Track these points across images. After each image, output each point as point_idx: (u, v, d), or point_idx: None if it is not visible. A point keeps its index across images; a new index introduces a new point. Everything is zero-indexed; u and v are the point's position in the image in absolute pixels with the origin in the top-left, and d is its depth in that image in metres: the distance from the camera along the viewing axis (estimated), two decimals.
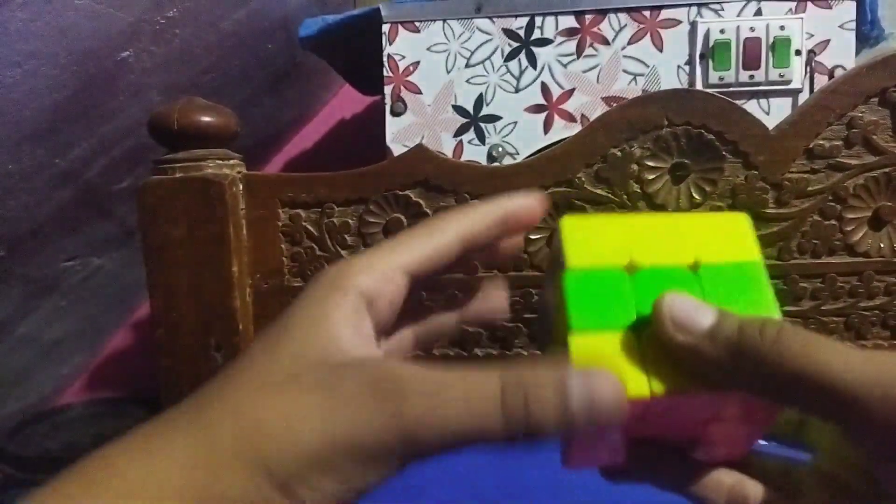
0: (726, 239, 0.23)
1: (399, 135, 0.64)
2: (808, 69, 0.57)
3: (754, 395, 0.20)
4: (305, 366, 0.20)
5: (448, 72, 0.62)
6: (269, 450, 0.18)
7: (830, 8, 0.56)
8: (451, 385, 0.19)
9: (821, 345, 0.18)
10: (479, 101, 0.62)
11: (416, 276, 0.23)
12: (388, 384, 0.19)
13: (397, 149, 0.63)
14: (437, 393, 0.19)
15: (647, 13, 0.58)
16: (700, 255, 0.22)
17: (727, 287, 0.22)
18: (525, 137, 0.61)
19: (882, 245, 0.46)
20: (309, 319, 0.21)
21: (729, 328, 0.20)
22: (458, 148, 0.63)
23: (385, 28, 0.63)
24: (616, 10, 0.59)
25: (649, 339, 0.20)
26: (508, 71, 0.61)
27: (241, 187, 0.49)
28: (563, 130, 0.60)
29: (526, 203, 0.24)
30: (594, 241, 0.22)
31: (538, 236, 0.47)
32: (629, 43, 0.59)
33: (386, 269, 0.23)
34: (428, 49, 0.62)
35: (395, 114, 0.64)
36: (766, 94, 0.57)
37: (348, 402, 0.19)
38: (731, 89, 0.57)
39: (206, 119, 0.49)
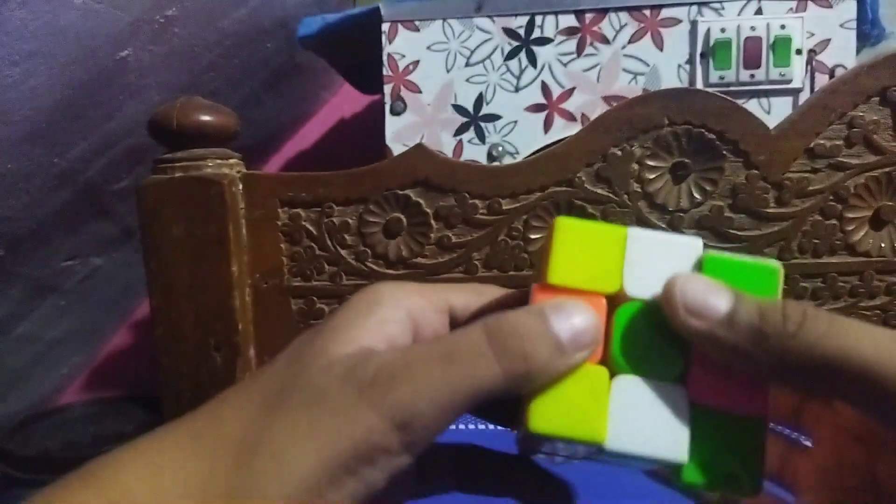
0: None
1: (399, 134, 0.63)
2: (809, 68, 0.56)
3: (777, 382, 0.19)
4: (304, 379, 0.19)
5: (448, 71, 0.62)
6: (263, 475, 0.18)
7: (831, 7, 0.56)
8: (432, 351, 0.19)
9: (848, 327, 0.17)
10: (479, 101, 0.62)
11: (456, 319, 0.23)
12: (365, 375, 0.18)
13: (397, 148, 0.63)
14: (418, 364, 0.18)
15: (647, 12, 0.58)
16: None
17: None
18: (525, 137, 0.61)
19: (883, 245, 0.46)
20: (335, 327, 0.21)
21: (748, 313, 0.18)
22: (458, 147, 0.63)
23: (385, 27, 0.63)
24: (616, 9, 0.59)
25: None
26: (508, 70, 0.61)
27: (240, 187, 0.49)
28: (563, 129, 0.60)
29: None
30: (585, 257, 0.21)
31: (538, 236, 0.47)
32: (629, 42, 0.59)
33: (435, 298, 0.22)
34: (428, 48, 0.62)
35: (394, 113, 0.63)
36: (767, 94, 0.57)
37: (332, 409, 0.18)
38: (732, 88, 0.57)
39: (206, 118, 0.48)
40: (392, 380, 0.18)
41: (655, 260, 0.21)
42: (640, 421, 0.19)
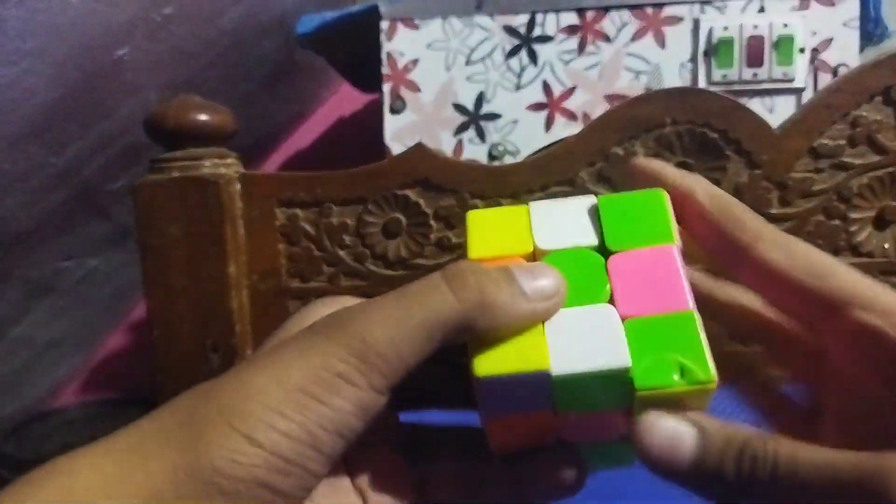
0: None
1: (398, 133, 0.63)
2: (812, 67, 0.56)
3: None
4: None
5: (448, 69, 0.62)
6: (226, 407, 0.19)
7: (834, 6, 0.56)
8: (389, 294, 0.20)
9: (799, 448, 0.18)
10: (480, 99, 0.62)
11: None
12: (330, 320, 0.20)
13: (396, 147, 0.62)
14: (374, 303, 0.20)
15: (649, 10, 0.58)
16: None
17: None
18: (526, 136, 0.61)
19: (886, 245, 0.45)
20: (269, 349, 0.22)
21: (712, 459, 0.19)
22: (458, 147, 0.62)
23: (384, 25, 0.62)
24: (618, 7, 0.58)
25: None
26: (509, 68, 0.61)
27: (238, 186, 0.49)
28: (564, 129, 0.60)
29: None
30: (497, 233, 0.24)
31: None
32: (631, 40, 0.58)
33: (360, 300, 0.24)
34: (427, 46, 0.62)
35: (394, 112, 0.63)
36: (770, 93, 0.57)
37: (291, 349, 0.20)
38: (735, 87, 0.57)
39: (203, 117, 0.48)
40: (349, 318, 0.20)
41: (558, 217, 0.24)
42: (579, 342, 0.21)
